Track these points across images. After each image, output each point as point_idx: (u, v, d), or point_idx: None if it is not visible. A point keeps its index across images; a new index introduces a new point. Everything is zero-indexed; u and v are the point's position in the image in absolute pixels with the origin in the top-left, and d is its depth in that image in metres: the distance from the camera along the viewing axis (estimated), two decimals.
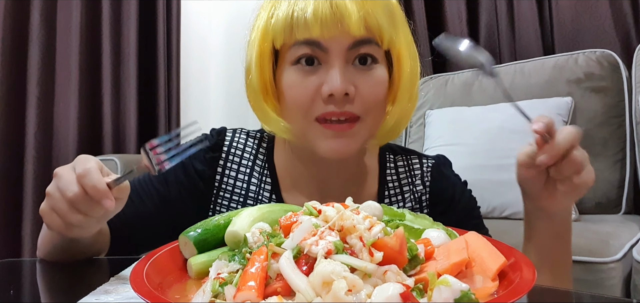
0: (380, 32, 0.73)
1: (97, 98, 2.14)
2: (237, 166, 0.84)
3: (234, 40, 2.61)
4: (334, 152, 0.73)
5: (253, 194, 0.83)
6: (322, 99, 0.71)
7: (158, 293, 0.46)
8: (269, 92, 0.77)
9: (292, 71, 0.74)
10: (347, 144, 0.73)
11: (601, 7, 1.97)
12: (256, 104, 0.78)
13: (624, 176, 1.71)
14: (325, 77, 0.71)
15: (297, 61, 0.73)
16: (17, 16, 1.98)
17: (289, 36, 0.72)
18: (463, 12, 2.24)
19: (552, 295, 0.60)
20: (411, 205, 0.85)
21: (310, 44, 0.71)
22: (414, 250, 0.47)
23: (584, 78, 1.78)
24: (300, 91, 0.73)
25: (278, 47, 0.75)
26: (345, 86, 0.70)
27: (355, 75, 0.72)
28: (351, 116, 0.72)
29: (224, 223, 0.60)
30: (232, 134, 0.87)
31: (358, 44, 0.72)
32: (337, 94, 0.70)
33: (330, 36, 0.70)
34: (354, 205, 0.54)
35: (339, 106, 0.71)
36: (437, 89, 2.09)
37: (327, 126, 0.72)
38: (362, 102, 0.72)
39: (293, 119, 0.75)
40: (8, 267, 0.79)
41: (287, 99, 0.74)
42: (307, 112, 0.73)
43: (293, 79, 0.73)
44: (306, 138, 0.75)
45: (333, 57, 0.71)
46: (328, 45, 0.71)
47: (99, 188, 0.57)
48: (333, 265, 0.41)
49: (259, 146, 0.87)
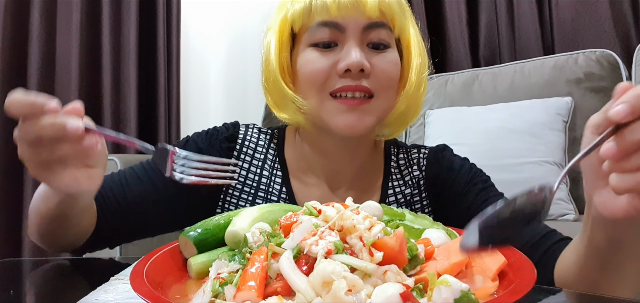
0: (392, 17, 0.78)
1: (97, 98, 2.14)
2: (250, 158, 0.86)
3: (233, 40, 2.62)
4: (347, 127, 0.75)
5: (264, 186, 0.84)
6: (338, 74, 0.75)
7: (158, 293, 0.46)
8: (287, 74, 0.80)
9: (309, 51, 0.77)
10: (359, 119, 0.75)
11: (601, 7, 1.97)
12: (274, 85, 0.80)
13: None
14: (341, 54, 0.75)
15: (314, 44, 0.77)
16: (17, 16, 1.98)
17: (307, 18, 0.77)
18: (463, 12, 2.24)
19: (552, 295, 0.60)
20: (410, 191, 0.86)
21: (327, 25, 0.76)
22: (414, 250, 0.47)
23: (584, 78, 1.78)
24: (317, 66, 0.76)
25: (296, 30, 0.79)
26: (362, 61, 0.74)
27: (370, 55, 0.76)
28: (366, 90, 0.75)
29: (224, 223, 0.60)
30: (245, 128, 0.89)
31: (373, 26, 0.76)
32: (354, 69, 0.74)
33: (348, 15, 0.75)
34: (354, 205, 0.54)
35: (355, 79, 0.74)
36: (437, 89, 2.09)
37: (341, 101, 0.75)
38: (377, 79, 0.76)
39: (308, 96, 0.77)
40: (8, 266, 0.79)
41: (303, 76, 0.78)
42: (322, 87, 0.76)
43: (309, 58, 0.77)
44: (320, 113, 0.77)
45: (349, 35, 0.76)
46: (345, 24, 0.75)
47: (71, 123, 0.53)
48: (333, 265, 0.41)
49: (270, 142, 0.89)
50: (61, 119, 0.53)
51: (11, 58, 1.96)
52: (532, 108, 1.76)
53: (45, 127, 0.53)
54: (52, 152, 0.54)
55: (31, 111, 0.53)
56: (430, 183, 0.86)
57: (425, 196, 0.86)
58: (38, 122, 0.53)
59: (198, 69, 2.55)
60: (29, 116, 0.53)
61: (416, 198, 0.86)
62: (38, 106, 0.52)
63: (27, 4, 2.01)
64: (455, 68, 2.21)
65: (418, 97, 0.83)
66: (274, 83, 0.80)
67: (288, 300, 0.42)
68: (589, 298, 0.57)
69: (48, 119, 0.53)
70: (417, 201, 0.86)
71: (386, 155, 0.89)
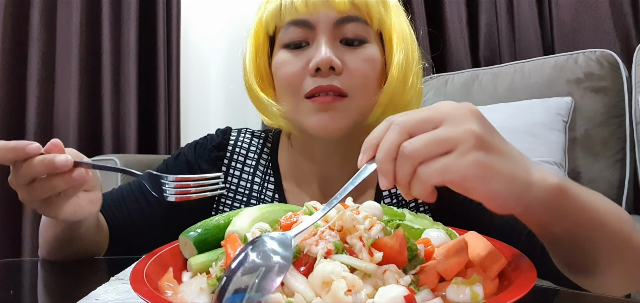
0: (368, 10, 0.74)
1: (97, 98, 2.14)
2: (241, 165, 0.85)
3: (233, 40, 2.61)
4: (320, 128, 0.73)
5: (256, 193, 0.83)
6: (310, 74, 0.72)
7: (158, 293, 0.46)
8: (264, 79, 0.79)
9: (281, 53, 0.76)
10: (332, 119, 0.72)
11: (601, 7, 1.97)
12: (250, 91, 0.80)
13: (623, 176, 1.70)
14: (311, 53, 0.73)
15: (286, 45, 0.75)
16: (17, 16, 1.98)
17: (278, 19, 0.76)
18: (463, 12, 2.24)
19: (552, 295, 0.60)
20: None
21: (297, 24, 0.74)
22: (414, 250, 0.47)
23: (584, 78, 1.78)
24: (289, 68, 0.74)
25: (271, 33, 0.78)
26: (330, 58, 0.71)
27: (343, 52, 0.73)
28: (337, 89, 0.72)
29: (224, 223, 0.60)
30: (237, 133, 0.88)
31: (344, 21, 0.73)
32: (323, 67, 0.71)
33: (316, 11, 0.72)
34: (354, 205, 0.54)
35: (326, 78, 0.72)
36: (437, 89, 2.09)
37: (313, 100, 0.73)
38: (350, 77, 0.73)
39: (285, 100, 0.76)
40: (8, 266, 0.79)
41: (278, 80, 0.77)
42: (297, 90, 0.74)
43: (282, 60, 0.75)
44: (297, 117, 0.75)
45: (319, 33, 0.73)
46: (314, 21, 0.73)
47: (57, 159, 0.57)
48: (333, 265, 0.41)
49: (263, 146, 0.87)
50: (49, 157, 0.57)
51: (11, 58, 1.96)
52: (532, 108, 1.76)
53: (35, 167, 0.56)
54: (49, 188, 0.58)
55: (14, 156, 0.57)
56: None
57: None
58: (29, 165, 0.57)
59: (198, 69, 2.55)
60: (15, 160, 0.57)
61: (412, 202, 0.83)
62: (20, 149, 0.56)
63: (27, 4, 2.01)
64: (455, 68, 2.21)
65: (405, 92, 0.77)
66: (250, 89, 0.80)
67: (291, 299, 0.42)
68: (589, 298, 0.57)
69: (37, 160, 0.57)
70: (413, 205, 0.83)
71: None
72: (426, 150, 0.41)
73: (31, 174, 0.57)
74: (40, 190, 0.58)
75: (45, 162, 0.56)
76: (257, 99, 0.80)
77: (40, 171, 0.57)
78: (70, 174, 0.58)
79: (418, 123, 0.43)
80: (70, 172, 0.58)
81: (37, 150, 0.57)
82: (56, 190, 0.58)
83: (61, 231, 0.70)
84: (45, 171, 0.57)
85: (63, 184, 0.58)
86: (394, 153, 0.42)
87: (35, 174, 0.57)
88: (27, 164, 0.57)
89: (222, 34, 2.62)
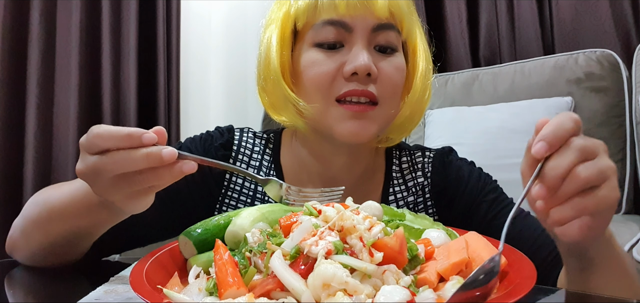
0: (402, 19, 0.74)
1: (97, 98, 2.14)
2: (246, 166, 0.83)
3: (233, 40, 2.61)
4: (351, 134, 0.72)
5: (260, 194, 0.82)
6: (344, 77, 0.71)
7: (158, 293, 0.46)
8: (287, 73, 0.76)
9: (313, 52, 0.73)
10: (364, 127, 0.72)
11: (601, 7, 1.96)
12: (275, 86, 0.75)
13: (624, 176, 1.70)
14: (348, 57, 0.71)
15: (318, 44, 0.73)
16: (17, 16, 1.98)
17: (312, 15, 0.73)
18: (463, 12, 2.24)
19: (552, 295, 0.60)
20: (414, 198, 0.83)
21: (334, 24, 0.72)
22: (414, 250, 0.47)
23: (584, 78, 1.78)
24: (322, 69, 0.72)
25: (300, 27, 0.75)
26: (369, 65, 0.70)
27: (378, 59, 0.73)
28: (372, 96, 0.72)
29: (224, 223, 0.60)
30: (240, 133, 0.86)
31: (382, 28, 0.73)
32: (361, 72, 0.70)
33: (356, 14, 0.71)
34: (354, 205, 0.54)
35: (361, 84, 0.71)
36: (437, 89, 2.08)
37: (346, 106, 0.71)
38: (383, 85, 0.73)
39: (311, 100, 0.73)
40: (8, 266, 0.79)
41: (307, 79, 0.73)
42: (328, 92, 0.72)
43: (314, 58, 0.73)
44: (324, 120, 0.73)
45: (357, 36, 0.72)
46: (353, 24, 0.72)
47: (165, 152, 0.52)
48: (334, 269, 0.40)
49: (266, 147, 0.86)
50: (155, 150, 0.51)
51: (11, 58, 1.96)
52: (532, 108, 1.76)
53: (138, 159, 0.51)
54: (152, 180, 0.53)
55: (130, 143, 0.51)
56: (437, 191, 0.83)
57: (431, 204, 0.83)
58: (129, 155, 0.51)
59: (198, 69, 2.55)
60: (129, 148, 0.51)
61: (421, 206, 0.83)
62: (136, 137, 0.51)
63: (27, 4, 2.00)
64: (455, 68, 2.21)
65: (423, 103, 0.79)
66: (274, 84, 0.76)
67: (283, 299, 0.42)
68: (589, 299, 0.57)
69: (142, 153, 0.51)
70: (422, 209, 0.83)
71: (387, 159, 0.86)
72: (594, 179, 0.46)
73: (132, 165, 0.51)
74: (138, 182, 0.52)
75: (151, 156, 0.51)
76: (280, 94, 0.75)
77: (142, 164, 0.51)
78: (174, 167, 0.52)
79: (594, 148, 0.48)
80: (174, 165, 0.52)
81: (153, 140, 0.52)
82: (160, 182, 0.53)
83: (91, 224, 0.64)
84: (149, 164, 0.51)
85: (169, 178, 0.53)
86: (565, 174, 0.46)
87: (136, 166, 0.51)
88: (126, 154, 0.51)
89: (222, 34, 2.62)
